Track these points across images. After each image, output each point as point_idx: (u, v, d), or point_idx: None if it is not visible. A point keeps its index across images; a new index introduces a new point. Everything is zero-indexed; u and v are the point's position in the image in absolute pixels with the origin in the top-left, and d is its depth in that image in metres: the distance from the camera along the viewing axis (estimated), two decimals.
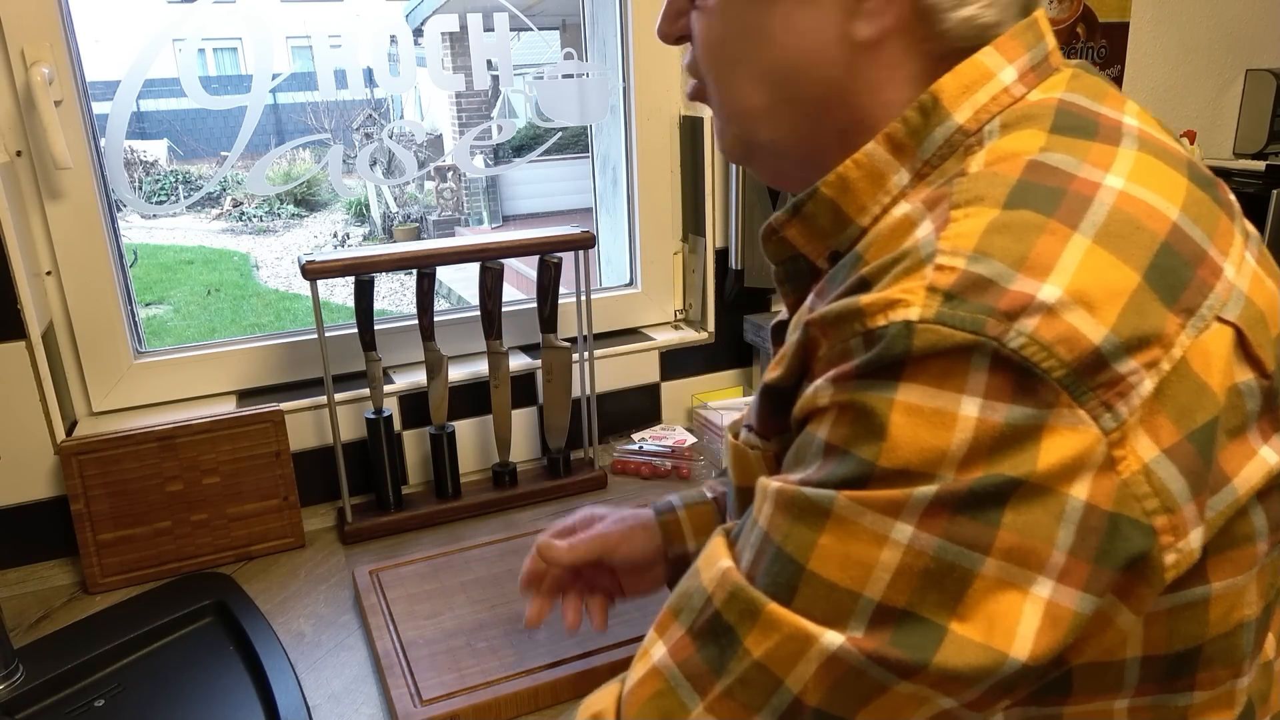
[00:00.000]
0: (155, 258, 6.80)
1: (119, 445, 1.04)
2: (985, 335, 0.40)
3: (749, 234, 1.35)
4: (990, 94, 0.50)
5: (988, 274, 0.41)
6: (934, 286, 0.42)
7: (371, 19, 1.18)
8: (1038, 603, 0.41)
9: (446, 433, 1.19)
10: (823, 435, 0.45)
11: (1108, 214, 0.43)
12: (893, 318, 0.42)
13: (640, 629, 0.89)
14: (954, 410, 0.41)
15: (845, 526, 0.43)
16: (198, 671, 0.91)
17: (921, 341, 0.41)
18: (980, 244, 0.42)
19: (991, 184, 0.45)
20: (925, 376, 0.41)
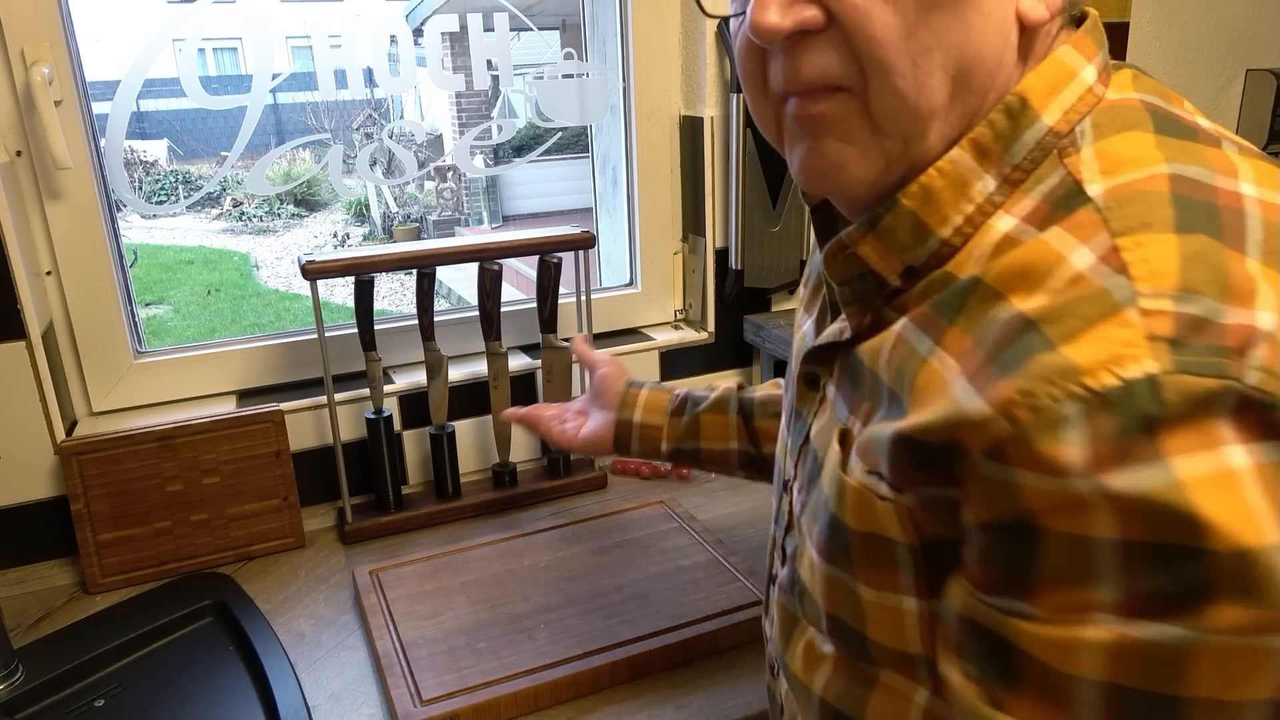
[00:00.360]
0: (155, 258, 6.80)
1: (119, 445, 1.04)
2: (1229, 377, 0.36)
3: (749, 234, 1.35)
4: (1076, 94, 0.47)
5: (1200, 312, 0.38)
6: (1155, 335, 0.37)
7: (371, 19, 1.18)
8: None
9: (446, 433, 1.19)
10: (1109, 535, 0.37)
11: (1263, 230, 0.41)
12: (1126, 375, 0.37)
13: (640, 629, 0.90)
14: (1229, 466, 0.36)
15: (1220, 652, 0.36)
16: (198, 671, 0.91)
17: (1173, 397, 0.36)
18: (1183, 280, 0.38)
19: (1150, 206, 0.41)
20: (1187, 439, 0.36)
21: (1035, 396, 0.38)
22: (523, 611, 0.94)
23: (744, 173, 1.31)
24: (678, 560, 1.02)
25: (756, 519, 1.16)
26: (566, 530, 1.10)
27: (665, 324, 1.47)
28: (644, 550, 1.05)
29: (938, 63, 0.46)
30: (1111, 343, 0.38)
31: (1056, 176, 0.45)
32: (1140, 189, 0.42)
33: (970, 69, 0.47)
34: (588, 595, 0.96)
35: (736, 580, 0.98)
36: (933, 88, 0.47)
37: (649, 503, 1.16)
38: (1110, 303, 0.39)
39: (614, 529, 1.10)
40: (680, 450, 0.91)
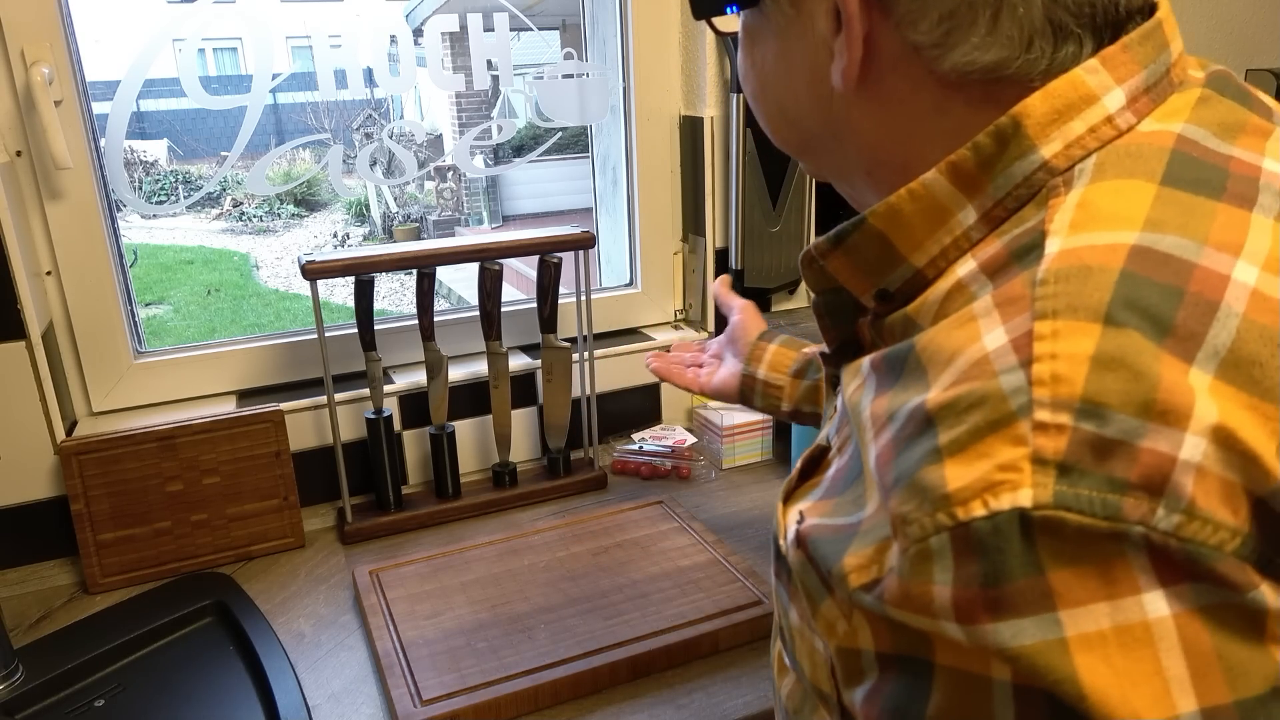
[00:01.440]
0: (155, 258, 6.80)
1: (119, 445, 1.04)
2: (1125, 522, 0.31)
3: (749, 234, 1.35)
4: (1089, 124, 0.40)
5: (1108, 433, 0.31)
6: (1040, 457, 0.32)
7: (371, 19, 1.18)
8: None
9: (446, 433, 1.19)
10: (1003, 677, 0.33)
11: (1237, 332, 0.33)
12: (995, 507, 0.32)
13: (640, 629, 0.90)
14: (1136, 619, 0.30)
15: None
16: (198, 671, 0.91)
17: (1047, 542, 0.31)
18: (1088, 388, 0.32)
19: (1084, 286, 0.34)
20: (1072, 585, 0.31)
21: (909, 525, 0.34)
22: (523, 611, 0.94)
23: (744, 173, 1.31)
24: (678, 560, 1.02)
25: (756, 519, 1.16)
26: (566, 530, 1.10)
27: (665, 324, 1.47)
28: (644, 550, 1.05)
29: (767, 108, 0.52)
30: (991, 462, 0.32)
31: (1033, 221, 0.39)
32: (1087, 261, 0.35)
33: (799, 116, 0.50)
34: (588, 595, 0.96)
35: (736, 580, 0.98)
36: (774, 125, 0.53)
37: (649, 503, 1.16)
38: (1004, 410, 0.33)
39: (614, 529, 1.10)
40: (799, 411, 0.92)
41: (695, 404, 1.39)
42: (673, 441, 1.32)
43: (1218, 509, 0.31)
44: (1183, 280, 0.34)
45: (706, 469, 1.30)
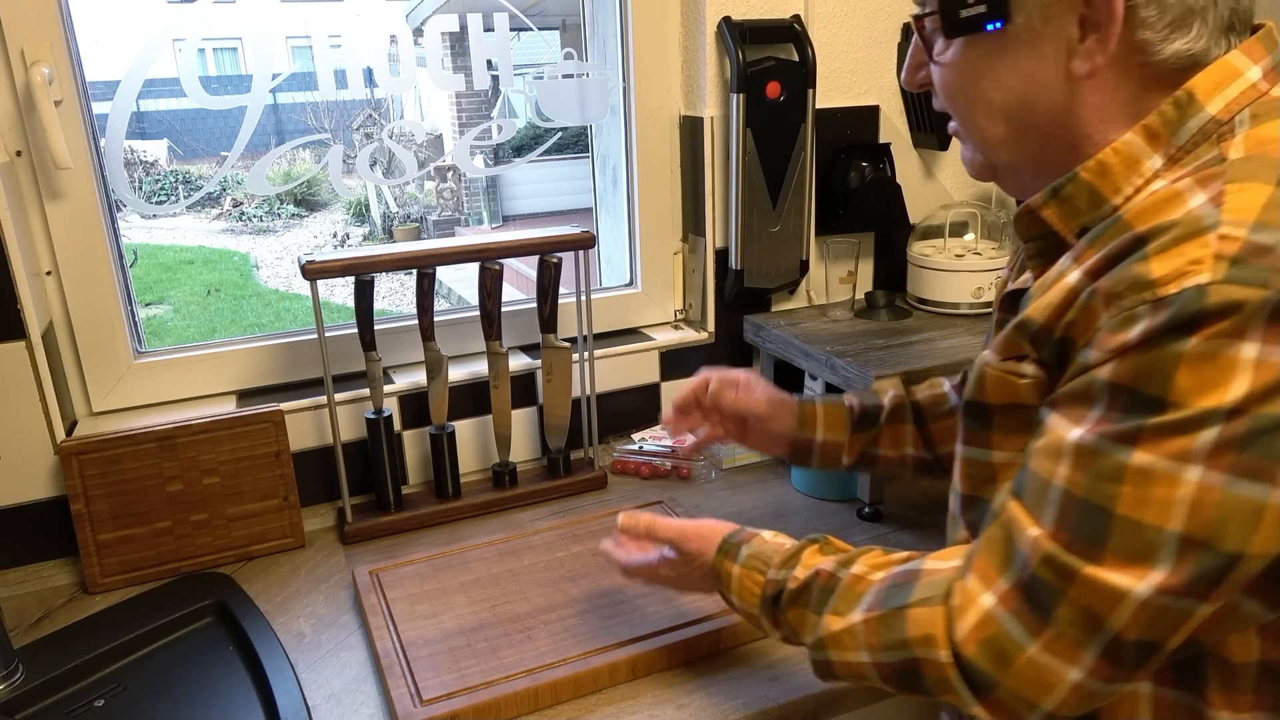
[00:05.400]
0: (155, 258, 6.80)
1: (119, 445, 1.04)
2: (1271, 289, 0.48)
3: (749, 234, 1.35)
4: (1240, 89, 0.58)
5: (1269, 241, 0.49)
6: (1221, 254, 0.49)
7: (371, 19, 1.18)
8: None
9: (446, 433, 1.19)
10: (1106, 376, 0.52)
11: None
12: (1185, 284, 0.49)
13: (640, 629, 0.90)
14: (1235, 356, 0.48)
15: (1143, 474, 0.50)
16: (198, 671, 0.91)
17: (1215, 299, 0.48)
18: (1261, 216, 0.50)
19: (1262, 164, 0.53)
20: (1216, 330, 0.48)
21: (1121, 300, 0.52)
22: (523, 611, 0.94)
23: (744, 173, 1.31)
24: None
25: (756, 519, 1.16)
26: (566, 530, 1.10)
27: (665, 324, 1.47)
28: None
29: (986, 111, 0.64)
30: (1186, 258, 0.50)
31: (1211, 153, 0.56)
32: (1265, 153, 0.54)
33: (1020, 112, 0.63)
34: (588, 595, 0.96)
35: None
36: (985, 125, 0.65)
37: (649, 503, 1.16)
38: (1199, 228, 0.51)
39: (614, 529, 1.10)
40: (859, 462, 0.97)
41: None
42: (673, 441, 1.32)
43: None
44: None
45: (706, 469, 1.30)
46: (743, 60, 1.26)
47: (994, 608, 0.56)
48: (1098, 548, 0.51)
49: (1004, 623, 0.55)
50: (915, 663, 0.60)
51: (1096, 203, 0.61)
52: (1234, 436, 0.48)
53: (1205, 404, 0.49)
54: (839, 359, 1.16)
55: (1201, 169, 0.55)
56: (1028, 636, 0.54)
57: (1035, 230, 0.65)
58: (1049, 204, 0.63)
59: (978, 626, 0.56)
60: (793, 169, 1.34)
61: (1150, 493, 0.50)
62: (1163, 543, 0.50)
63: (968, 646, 0.57)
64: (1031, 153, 0.65)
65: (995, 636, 0.56)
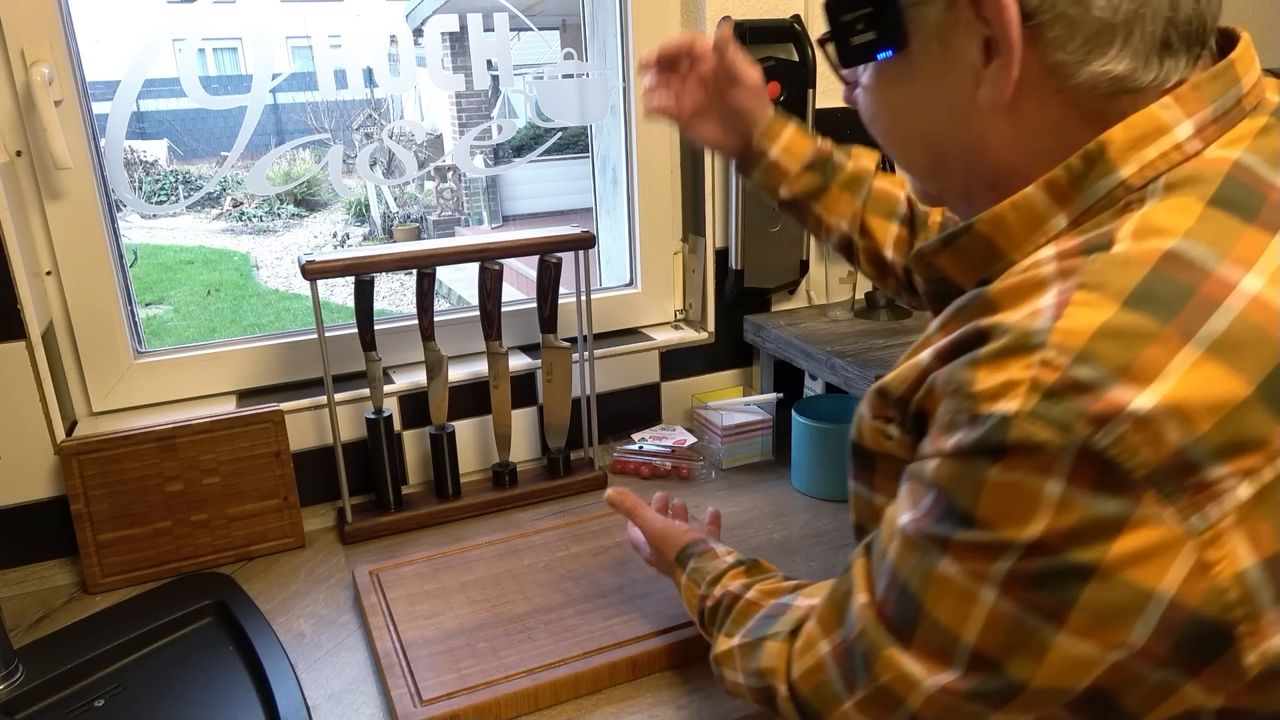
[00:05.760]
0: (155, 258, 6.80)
1: (119, 445, 1.04)
2: (1072, 435, 0.43)
3: (749, 234, 1.35)
4: (1161, 150, 0.50)
5: (1087, 379, 0.43)
6: (1037, 383, 0.44)
7: (371, 19, 1.18)
8: (1106, 663, 0.46)
9: (446, 433, 1.19)
10: (930, 474, 0.50)
11: (1231, 323, 0.44)
12: (995, 409, 0.45)
13: (640, 629, 0.90)
14: (1038, 493, 0.44)
15: (948, 582, 0.48)
16: (198, 671, 0.91)
17: (1016, 434, 0.44)
18: (1088, 346, 0.44)
19: (1121, 273, 0.46)
20: (1017, 462, 0.45)
21: (949, 399, 0.49)
22: (523, 611, 0.94)
23: None
24: None
25: (756, 519, 1.16)
26: (566, 530, 1.10)
27: (665, 324, 1.47)
28: None
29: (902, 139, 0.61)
30: (1005, 377, 0.46)
31: (1108, 227, 0.49)
32: (1129, 256, 0.46)
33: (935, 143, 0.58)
34: (588, 595, 0.96)
35: None
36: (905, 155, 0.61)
37: None
38: (1028, 344, 0.46)
39: (614, 529, 1.10)
40: (794, 201, 0.93)
41: (695, 404, 1.39)
42: (673, 441, 1.32)
43: (1141, 446, 0.42)
44: (1197, 282, 0.45)
45: (706, 469, 1.30)
46: None
47: (826, 657, 0.57)
48: (909, 632, 0.51)
49: (830, 673, 0.57)
50: (769, 690, 0.63)
51: (994, 256, 0.54)
52: (1027, 573, 0.45)
53: (1004, 534, 0.46)
54: (839, 359, 1.16)
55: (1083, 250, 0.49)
56: (846, 692, 0.55)
57: (932, 275, 0.60)
58: (943, 252, 0.57)
59: (811, 671, 0.58)
60: None
61: (951, 601, 0.48)
62: (958, 650, 0.49)
63: (801, 686, 0.59)
64: (957, 186, 0.60)
65: (823, 684, 0.57)
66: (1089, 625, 0.45)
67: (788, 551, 1.08)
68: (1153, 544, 0.43)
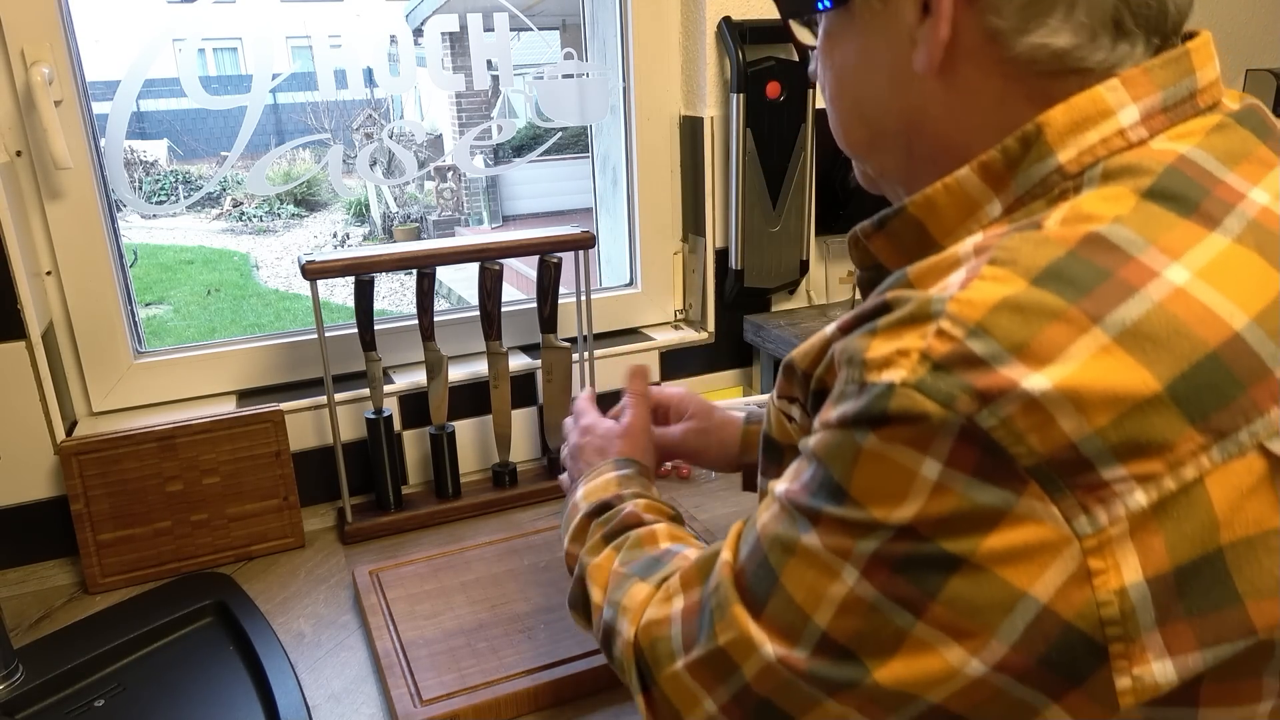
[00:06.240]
0: (155, 258, 6.81)
1: (119, 445, 1.04)
2: (956, 410, 0.40)
3: (749, 234, 1.35)
4: (1101, 135, 0.46)
5: (979, 352, 0.40)
6: (927, 353, 0.41)
7: (371, 19, 1.18)
8: (963, 678, 0.42)
9: (446, 433, 1.19)
10: (811, 445, 0.48)
11: (1145, 312, 0.40)
12: (881, 378, 0.43)
13: None
14: (914, 470, 0.41)
15: (809, 557, 0.46)
16: (198, 671, 0.91)
17: (898, 403, 0.42)
18: (985, 319, 0.41)
19: (1035, 251, 0.42)
20: (895, 434, 0.42)
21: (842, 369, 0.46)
22: (523, 611, 0.94)
23: (744, 173, 1.31)
24: None
25: None
26: None
27: (665, 324, 1.47)
28: None
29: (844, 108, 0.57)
30: (898, 345, 0.43)
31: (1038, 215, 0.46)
32: (1048, 237, 0.43)
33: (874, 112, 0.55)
34: None
35: None
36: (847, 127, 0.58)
37: None
38: (926, 312, 0.43)
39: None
40: None
41: None
42: None
43: (1029, 432, 0.39)
44: (1115, 266, 0.41)
45: (706, 469, 1.29)
46: (743, 60, 1.26)
47: (675, 613, 0.54)
48: (760, 603, 0.48)
49: (671, 629, 0.54)
50: (614, 629, 0.60)
51: (925, 244, 0.51)
52: (892, 556, 0.42)
53: (874, 512, 0.43)
54: None
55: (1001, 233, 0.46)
56: (681, 651, 0.53)
57: (866, 260, 0.57)
58: (876, 235, 0.55)
59: (656, 623, 0.56)
60: (793, 169, 1.34)
61: (809, 577, 0.46)
62: (808, 630, 0.46)
63: (642, 637, 0.56)
64: (898, 165, 0.57)
65: (660, 640, 0.55)
66: (950, 621, 0.41)
67: None
68: (1031, 542, 0.40)
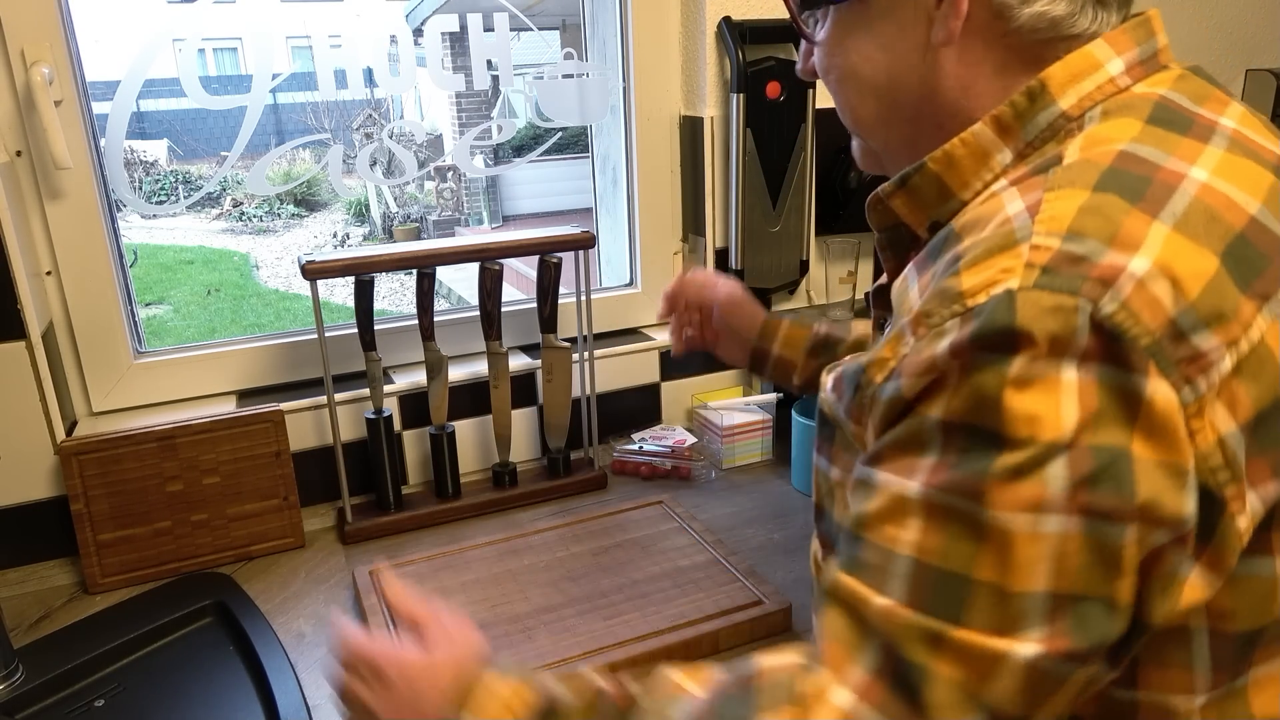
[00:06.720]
0: (155, 258, 6.80)
1: (119, 445, 1.04)
2: (1082, 296, 0.43)
3: (749, 234, 1.35)
4: (1096, 83, 0.54)
5: (1081, 250, 0.45)
6: (1031, 263, 0.45)
7: (371, 19, 1.18)
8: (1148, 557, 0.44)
9: (446, 433, 1.19)
10: (937, 414, 0.46)
11: (1188, 204, 0.47)
12: (992, 292, 0.45)
13: (640, 629, 0.90)
14: (1057, 378, 0.43)
15: (1002, 533, 0.44)
16: (198, 671, 0.91)
17: (1024, 308, 0.44)
18: (1074, 224, 0.46)
19: (1084, 170, 0.49)
20: (1031, 346, 0.43)
21: (930, 316, 0.48)
22: (523, 611, 0.94)
23: (744, 173, 1.31)
24: (678, 560, 1.02)
25: (756, 519, 1.16)
26: (566, 530, 1.10)
27: (665, 324, 1.46)
28: (644, 550, 1.05)
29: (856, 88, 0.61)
30: (996, 269, 0.46)
31: (1053, 153, 0.53)
32: (1088, 159, 0.50)
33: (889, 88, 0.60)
34: (588, 595, 0.96)
35: (736, 580, 0.98)
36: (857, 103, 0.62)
37: (649, 503, 1.16)
38: (1010, 240, 0.47)
39: (614, 529, 1.10)
40: (807, 385, 0.99)
41: (695, 404, 1.39)
42: (673, 441, 1.32)
43: (1143, 311, 0.43)
44: (1152, 172, 0.49)
45: (706, 469, 1.30)
46: (743, 60, 1.26)
47: (854, 707, 0.45)
48: (958, 614, 0.44)
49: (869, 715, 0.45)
50: None
51: (944, 196, 0.57)
52: (1082, 475, 0.42)
53: (1044, 436, 0.42)
54: None
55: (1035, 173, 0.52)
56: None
57: (886, 220, 0.61)
58: (897, 194, 0.59)
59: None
60: (793, 169, 1.34)
61: (1015, 552, 0.43)
62: (1030, 608, 0.43)
63: None
64: (904, 135, 0.61)
65: None
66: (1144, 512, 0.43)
67: (788, 551, 1.08)
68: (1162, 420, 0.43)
